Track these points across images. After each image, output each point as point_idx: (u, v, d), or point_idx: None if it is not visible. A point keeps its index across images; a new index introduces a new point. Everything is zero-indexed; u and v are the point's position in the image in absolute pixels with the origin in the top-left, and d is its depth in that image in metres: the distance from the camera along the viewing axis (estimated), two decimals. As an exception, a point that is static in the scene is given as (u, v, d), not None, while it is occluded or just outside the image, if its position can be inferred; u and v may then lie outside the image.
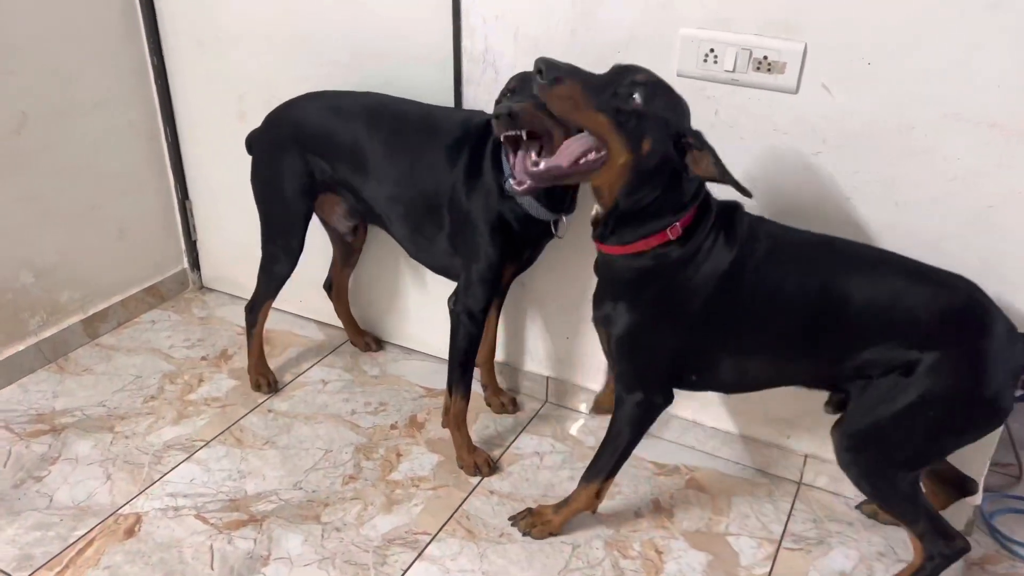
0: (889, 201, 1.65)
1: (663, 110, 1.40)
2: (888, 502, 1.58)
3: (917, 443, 1.50)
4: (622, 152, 1.39)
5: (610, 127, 1.38)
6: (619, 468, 1.76)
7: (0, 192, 2.19)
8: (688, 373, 1.64)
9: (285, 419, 2.21)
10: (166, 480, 1.99)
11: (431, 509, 1.92)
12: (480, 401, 2.26)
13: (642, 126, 1.38)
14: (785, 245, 1.54)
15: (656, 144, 1.39)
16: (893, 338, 1.46)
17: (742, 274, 1.50)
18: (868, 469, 1.54)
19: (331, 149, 1.98)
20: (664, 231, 1.48)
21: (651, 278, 1.53)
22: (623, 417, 1.69)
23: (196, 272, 2.82)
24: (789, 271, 1.51)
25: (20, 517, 1.87)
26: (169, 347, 2.51)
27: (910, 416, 1.46)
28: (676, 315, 1.55)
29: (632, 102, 1.37)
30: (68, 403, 2.25)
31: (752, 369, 1.61)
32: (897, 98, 1.58)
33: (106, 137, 2.43)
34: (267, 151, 2.07)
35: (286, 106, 2.06)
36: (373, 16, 2.06)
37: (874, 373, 1.50)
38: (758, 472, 2.07)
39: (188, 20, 2.36)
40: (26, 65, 2.17)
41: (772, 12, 1.61)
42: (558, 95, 1.36)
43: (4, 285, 2.27)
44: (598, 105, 1.36)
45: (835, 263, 1.51)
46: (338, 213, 2.16)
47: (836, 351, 1.52)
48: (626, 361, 1.63)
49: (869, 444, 1.52)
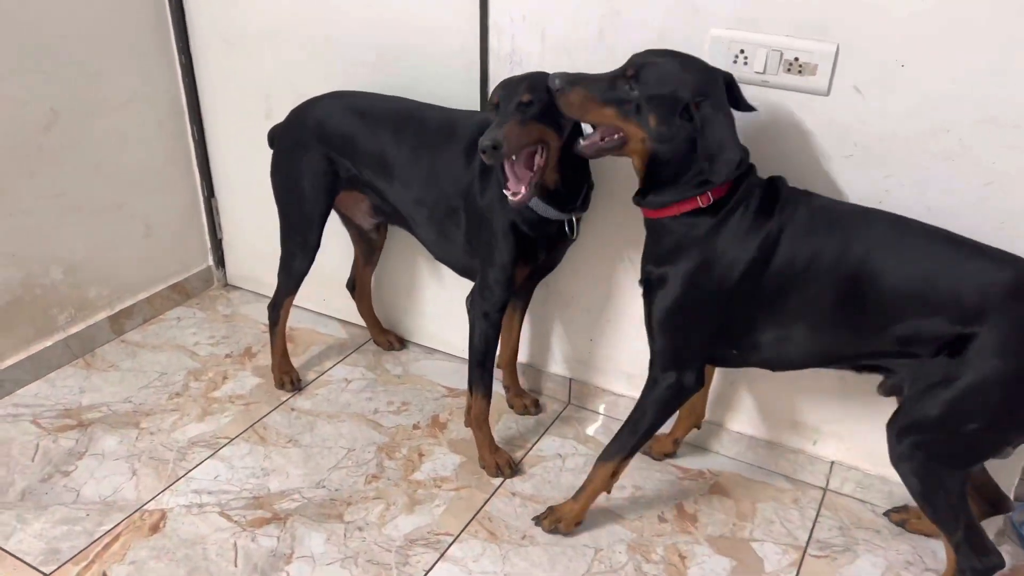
0: (921, 205, 1.62)
1: (660, 88, 1.49)
2: (933, 505, 1.52)
3: (974, 433, 1.45)
4: (636, 131, 1.52)
5: (616, 116, 1.52)
6: (637, 449, 1.76)
7: (30, 189, 2.22)
8: (728, 347, 1.63)
9: (308, 417, 2.22)
10: (191, 477, 2.00)
11: (453, 510, 1.92)
12: (503, 401, 2.26)
13: (644, 108, 1.50)
14: (825, 213, 1.54)
15: (662, 118, 1.49)
16: (936, 312, 1.43)
17: (779, 241, 1.52)
18: (920, 465, 1.49)
19: (355, 151, 1.99)
20: (695, 198, 1.53)
21: (688, 246, 1.55)
22: (652, 398, 1.68)
23: (221, 269, 2.84)
24: (827, 239, 1.50)
25: (47, 511, 1.89)
26: (194, 344, 2.53)
27: (966, 402, 1.42)
28: (716, 286, 1.55)
29: (632, 92, 1.50)
30: (95, 399, 2.27)
31: (793, 341, 1.58)
32: (931, 101, 1.55)
33: (134, 135, 2.45)
34: (288, 147, 2.08)
35: (310, 103, 2.07)
36: (399, 15, 2.06)
37: (920, 351, 1.47)
38: (783, 478, 2.04)
39: (216, 19, 2.37)
40: (57, 63, 2.19)
41: (804, 13, 1.59)
42: (569, 101, 1.54)
43: (34, 281, 2.29)
44: (604, 100, 1.52)
45: (875, 232, 1.50)
46: (362, 210, 2.17)
47: (875, 322, 1.49)
48: (666, 336, 1.63)
49: (923, 436, 1.47)
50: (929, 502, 1.52)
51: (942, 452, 1.48)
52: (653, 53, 1.55)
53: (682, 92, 1.47)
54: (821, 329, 1.55)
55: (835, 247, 1.49)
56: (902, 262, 1.46)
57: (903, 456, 1.50)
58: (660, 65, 1.50)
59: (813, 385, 1.92)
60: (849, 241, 1.49)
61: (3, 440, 2.10)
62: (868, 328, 1.51)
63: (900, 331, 1.47)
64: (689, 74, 1.50)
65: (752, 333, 1.60)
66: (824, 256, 1.49)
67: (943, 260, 1.45)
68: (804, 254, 1.50)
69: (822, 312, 1.52)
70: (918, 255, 1.47)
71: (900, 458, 1.51)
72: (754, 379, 2.00)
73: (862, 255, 1.47)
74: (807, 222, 1.52)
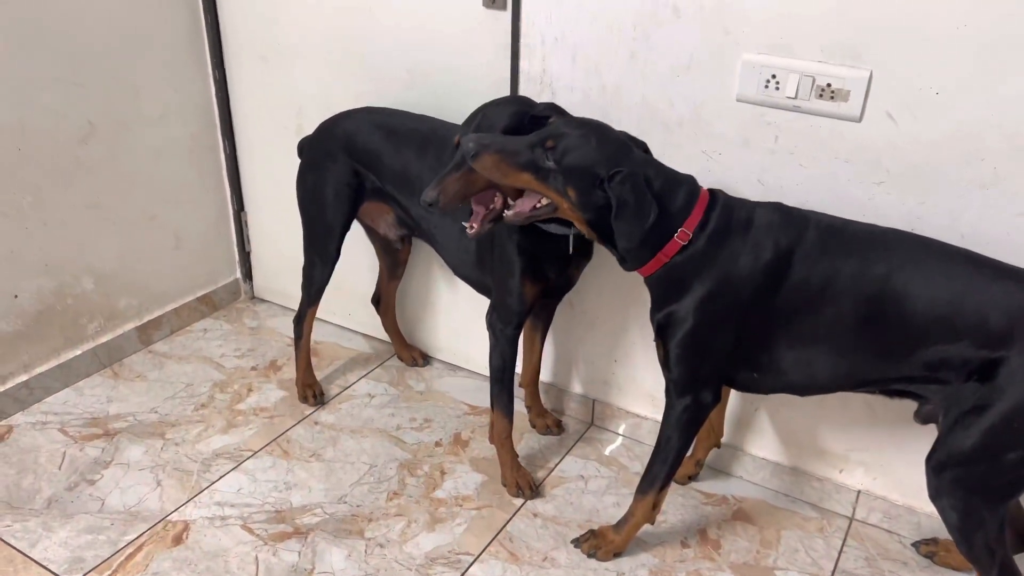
0: (955, 232, 1.60)
1: (578, 162, 1.50)
2: (970, 542, 1.49)
3: (1013, 463, 1.41)
4: (559, 199, 1.54)
5: (533, 181, 1.53)
6: (672, 476, 1.75)
7: (66, 199, 2.25)
8: (748, 370, 1.62)
9: (331, 432, 2.22)
10: (214, 488, 2.01)
11: (474, 529, 1.91)
12: (525, 420, 2.25)
13: (561, 179, 1.51)
14: (836, 232, 1.52)
15: (581, 191, 1.51)
16: (962, 336, 1.41)
17: (791, 262, 1.50)
18: (959, 501, 1.46)
19: (381, 166, 2.02)
20: (673, 239, 1.53)
21: (687, 280, 1.55)
22: (672, 423, 1.68)
23: (248, 282, 2.87)
24: (844, 259, 1.48)
25: (72, 520, 1.90)
26: (220, 356, 2.55)
27: (1003, 431, 1.39)
28: (724, 309, 1.55)
29: (548, 162, 1.51)
30: (121, 408, 2.30)
31: (816, 364, 1.56)
32: (965, 128, 1.54)
33: (167, 148, 2.49)
34: (316, 157, 2.11)
35: (340, 117, 2.10)
36: (432, 34, 2.08)
37: (949, 377, 1.45)
38: (809, 506, 2.02)
39: (252, 35, 2.41)
40: (95, 77, 2.23)
41: (837, 39, 1.59)
42: (483, 165, 1.53)
43: (66, 290, 2.33)
44: (521, 166, 1.53)
45: (896, 254, 1.48)
46: (388, 222, 2.18)
47: (899, 346, 1.47)
48: (682, 364, 1.62)
49: (961, 470, 1.44)
50: (966, 539, 1.48)
51: (981, 485, 1.45)
52: (573, 125, 1.55)
53: (598, 168, 1.49)
54: (843, 352, 1.53)
55: (853, 268, 1.47)
56: (925, 285, 1.44)
57: (942, 491, 1.47)
58: (578, 138, 1.51)
59: (840, 412, 1.90)
60: (868, 262, 1.47)
61: (31, 447, 2.13)
62: (893, 352, 1.48)
63: (926, 356, 1.45)
64: (606, 144, 1.52)
65: (771, 355, 1.58)
66: (841, 276, 1.48)
67: (967, 282, 1.43)
68: (819, 274, 1.49)
69: (844, 334, 1.51)
70: (941, 277, 1.44)
71: (939, 493, 1.48)
72: (779, 405, 1.98)
73: (883, 276, 1.45)
74: (819, 243, 1.50)
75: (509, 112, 1.67)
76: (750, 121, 1.74)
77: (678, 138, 1.83)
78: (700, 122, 1.79)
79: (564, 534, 1.90)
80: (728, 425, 2.07)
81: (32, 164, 2.15)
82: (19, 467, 2.06)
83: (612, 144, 1.53)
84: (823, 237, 1.51)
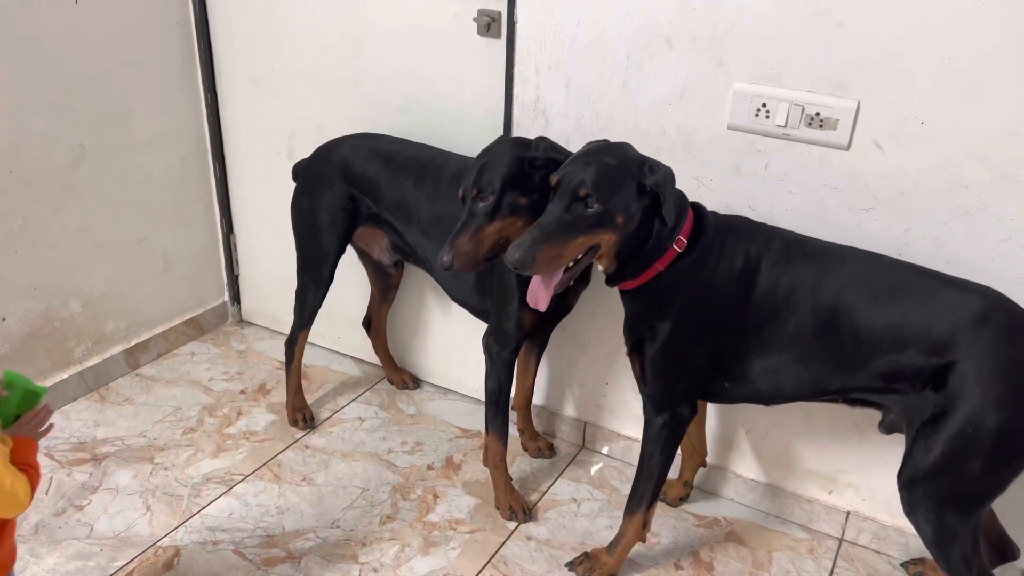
0: (940, 259, 1.65)
1: (614, 190, 1.49)
2: (946, 554, 1.51)
3: (979, 471, 1.44)
4: (607, 238, 1.52)
5: (587, 240, 1.51)
6: (658, 494, 1.77)
7: (56, 222, 2.24)
8: (721, 380, 1.65)
9: (322, 456, 2.22)
10: (205, 513, 1.99)
11: (468, 553, 1.91)
12: (518, 444, 2.26)
13: (610, 212, 1.49)
14: (800, 246, 1.58)
15: (626, 213, 1.51)
16: (909, 344, 1.45)
17: (758, 270, 1.55)
18: (931, 514, 1.49)
19: (378, 193, 2.03)
20: (671, 248, 1.56)
21: (674, 291, 1.58)
22: (653, 439, 1.71)
23: (236, 305, 2.86)
24: (804, 270, 1.54)
25: (61, 546, 1.88)
26: (208, 379, 2.54)
27: (962, 438, 1.42)
28: (704, 318, 1.59)
29: (590, 209, 1.48)
30: (109, 432, 2.27)
31: (780, 372, 1.60)
32: (950, 157, 1.59)
33: (158, 172, 2.49)
34: (312, 181, 2.12)
35: (338, 142, 2.11)
36: (426, 61, 2.11)
37: (903, 387, 1.49)
38: (799, 527, 2.04)
39: (244, 60, 2.43)
40: (87, 100, 2.23)
41: (826, 70, 1.64)
42: (544, 267, 1.50)
43: (54, 313, 2.31)
44: (574, 237, 1.50)
45: (848, 268, 1.54)
46: (382, 247, 2.20)
47: (854, 356, 1.51)
48: (658, 379, 1.65)
49: (930, 484, 1.48)
50: (943, 552, 1.52)
51: (951, 497, 1.48)
52: (581, 166, 1.51)
53: (635, 175, 1.50)
54: (806, 361, 1.57)
55: (811, 279, 1.53)
56: (873, 297, 1.50)
57: (915, 506, 1.51)
58: (599, 169, 1.50)
59: (829, 434, 1.93)
60: (825, 274, 1.53)
61: (17, 472, 2.10)
62: (849, 361, 1.53)
63: (879, 365, 1.50)
64: (622, 156, 1.53)
65: (742, 364, 1.62)
66: (801, 287, 1.53)
67: (913, 294, 1.49)
68: (784, 284, 1.54)
69: (805, 344, 1.55)
70: (888, 290, 1.50)
71: (912, 508, 1.52)
72: (768, 427, 2.01)
73: (837, 289, 1.51)
74: (784, 253, 1.56)
75: (507, 160, 1.67)
76: (741, 148, 1.78)
77: (670, 164, 1.84)
78: (692, 149, 1.83)
79: (558, 557, 1.91)
80: (718, 447, 2.10)
81: (23, 187, 2.14)
82: (5, 493, 2.03)
83: (622, 151, 1.56)
84: (787, 248, 1.58)
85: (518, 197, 1.65)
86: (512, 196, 1.65)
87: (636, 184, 1.50)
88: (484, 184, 1.66)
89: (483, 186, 1.66)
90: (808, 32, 1.63)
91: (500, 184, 1.64)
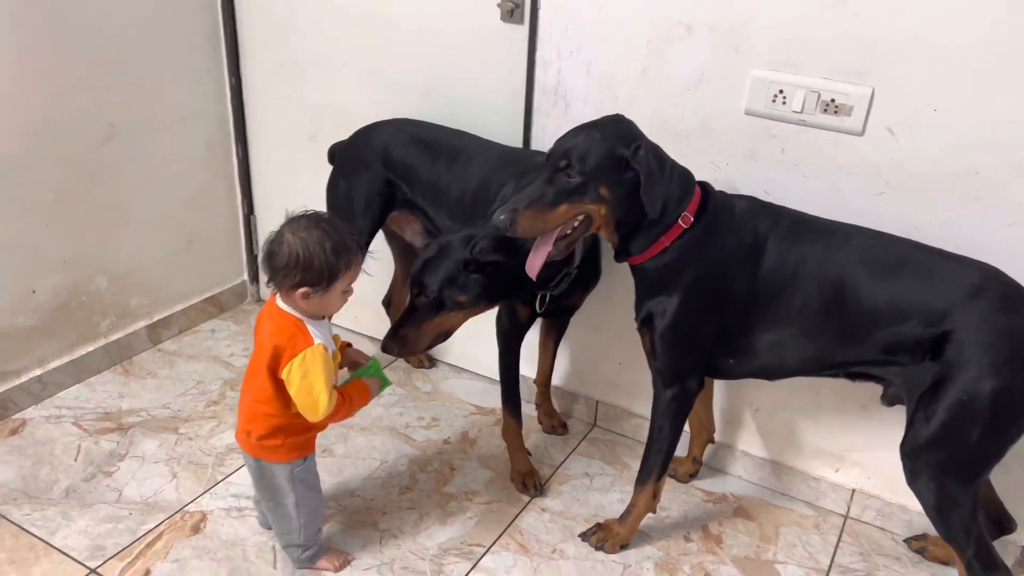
0: (950, 242, 1.69)
1: (597, 162, 1.55)
2: (947, 522, 1.57)
3: (978, 438, 1.49)
4: (595, 208, 1.58)
5: (571, 208, 1.57)
6: (667, 466, 1.84)
7: (85, 199, 2.30)
8: (726, 356, 1.71)
9: (342, 429, 2.27)
10: (229, 481, 2.05)
11: (485, 522, 1.98)
12: (532, 420, 2.32)
13: (591, 183, 1.56)
14: (807, 224, 1.64)
15: (612, 183, 1.56)
16: (909, 316, 1.51)
17: (766, 247, 1.61)
18: (932, 481, 1.54)
19: (414, 179, 2.08)
20: (677, 223, 1.61)
21: (682, 265, 1.64)
22: (662, 412, 1.77)
23: (255, 285, 2.92)
24: (811, 246, 1.60)
25: (91, 509, 1.94)
26: (229, 355, 2.60)
27: (960, 405, 1.47)
28: (712, 293, 1.65)
29: (571, 179, 1.55)
30: (133, 404, 2.33)
31: (786, 347, 1.65)
32: (962, 143, 1.64)
33: (183, 152, 2.54)
34: (350, 165, 2.17)
35: (377, 126, 2.16)
36: (449, 46, 2.16)
37: (904, 360, 1.55)
38: (805, 504, 2.10)
39: (269, 43, 2.48)
40: (118, 81, 2.29)
41: (842, 57, 1.69)
42: (525, 228, 1.57)
43: (81, 288, 2.37)
44: (554, 203, 1.56)
45: (853, 244, 1.60)
46: (414, 230, 2.24)
47: (858, 330, 1.57)
48: (667, 353, 1.71)
49: (931, 452, 1.53)
50: (944, 519, 1.57)
51: (952, 465, 1.54)
52: (571, 136, 1.59)
53: (618, 150, 1.56)
54: (810, 335, 1.63)
55: (818, 255, 1.60)
56: (877, 272, 1.56)
57: (917, 475, 1.57)
58: (584, 140, 1.56)
59: (836, 414, 1.99)
60: (830, 249, 1.60)
61: (46, 440, 2.16)
62: (853, 335, 1.59)
63: (881, 338, 1.56)
64: (611, 131, 1.59)
65: (749, 339, 1.68)
66: (808, 263, 1.60)
67: (914, 268, 1.55)
68: (792, 259, 1.60)
69: (810, 318, 1.61)
70: (891, 265, 1.56)
71: (914, 477, 1.57)
72: (777, 407, 2.07)
73: (843, 264, 1.58)
74: (791, 230, 1.63)
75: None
76: (757, 134, 1.83)
77: (688, 149, 1.92)
78: (709, 134, 1.89)
79: (572, 528, 1.97)
80: (727, 425, 2.15)
81: (55, 163, 2.20)
82: (35, 459, 2.09)
83: (616, 127, 1.61)
84: (795, 225, 1.64)
85: None
86: None
87: (621, 159, 1.55)
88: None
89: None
90: (825, 20, 1.68)
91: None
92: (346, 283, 1.56)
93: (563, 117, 2.04)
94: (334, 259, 1.51)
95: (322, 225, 1.53)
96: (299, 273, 1.51)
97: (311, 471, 1.73)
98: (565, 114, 2.04)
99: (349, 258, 1.54)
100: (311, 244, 1.51)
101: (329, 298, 1.56)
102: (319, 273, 1.51)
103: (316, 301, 1.55)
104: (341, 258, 1.52)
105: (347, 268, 1.54)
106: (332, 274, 1.52)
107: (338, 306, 1.61)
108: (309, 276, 1.51)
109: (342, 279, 1.55)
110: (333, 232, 1.53)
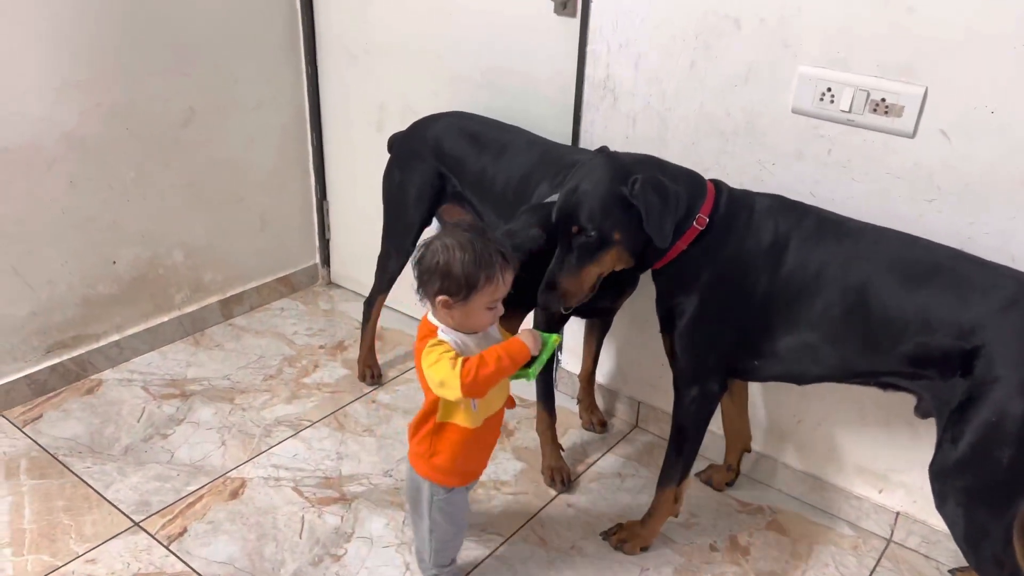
0: (1005, 254, 1.58)
1: (604, 207, 1.55)
2: (977, 551, 1.46)
3: (1009, 462, 1.38)
4: (617, 255, 1.60)
5: (597, 264, 1.60)
6: (690, 469, 1.79)
7: (165, 177, 2.46)
8: (750, 358, 1.65)
9: (386, 410, 2.34)
10: (272, 452, 2.15)
11: (508, 512, 1.99)
12: (573, 416, 2.31)
13: (607, 234, 1.57)
14: (833, 224, 1.57)
15: (623, 226, 1.57)
16: (937, 328, 1.42)
17: (787, 247, 1.55)
18: (961, 507, 1.44)
19: (463, 171, 2.11)
20: (692, 227, 1.58)
21: (700, 266, 1.60)
22: (683, 414, 1.73)
23: (326, 268, 3.03)
24: (835, 248, 1.53)
25: (144, 467, 2.08)
26: (293, 333, 2.71)
27: (991, 424, 1.37)
28: (730, 293, 1.60)
29: (591, 237, 1.56)
30: (198, 373, 2.48)
31: (810, 351, 1.58)
32: (1020, 148, 1.52)
33: (259, 136, 2.67)
34: (405, 155, 2.22)
35: (432, 119, 2.20)
36: (505, 38, 2.18)
37: (931, 373, 1.45)
38: (846, 523, 2.00)
39: (343, 33, 2.57)
40: (198, 67, 2.43)
41: (894, 55, 1.60)
42: (568, 300, 1.61)
43: (159, 261, 2.53)
44: (582, 266, 1.59)
45: (880, 249, 1.51)
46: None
47: (883, 339, 1.48)
48: (686, 354, 1.67)
49: (961, 476, 1.43)
50: (973, 548, 1.46)
51: (981, 490, 1.43)
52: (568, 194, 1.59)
53: (616, 188, 1.54)
54: (835, 341, 1.55)
55: (842, 257, 1.52)
56: (905, 279, 1.46)
57: (945, 498, 1.46)
58: (582, 195, 1.56)
59: (882, 430, 1.89)
60: (857, 254, 1.51)
61: (116, 401, 2.33)
62: (877, 344, 1.50)
63: (907, 349, 1.46)
64: (603, 173, 1.56)
65: (771, 342, 1.61)
66: (832, 266, 1.52)
67: (945, 276, 1.44)
68: (814, 261, 1.53)
69: (834, 323, 1.53)
70: (921, 272, 1.46)
71: (943, 501, 1.47)
72: (820, 420, 1.98)
73: (868, 269, 1.49)
74: (815, 230, 1.55)
75: None
76: (804, 133, 1.76)
77: (733, 147, 1.86)
78: (755, 132, 1.82)
79: (594, 526, 1.95)
80: (769, 437, 2.08)
81: (137, 142, 2.36)
82: (104, 417, 2.26)
83: (605, 164, 1.59)
84: (820, 226, 1.56)
85: None
86: None
87: (622, 197, 1.54)
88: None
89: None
90: (877, 15, 1.59)
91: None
92: (488, 297, 1.48)
93: (611, 111, 2.02)
94: (473, 269, 1.45)
95: (471, 235, 1.49)
96: (438, 280, 1.47)
97: (455, 504, 1.67)
98: (613, 107, 2.02)
99: (492, 272, 1.46)
100: (453, 252, 1.46)
101: (471, 310, 1.49)
102: (457, 282, 1.45)
103: (458, 313, 1.49)
104: (482, 270, 1.45)
105: (488, 281, 1.46)
106: (471, 284, 1.45)
107: (484, 322, 1.53)
108: (448, 284, 1.46)
109: (482, 291, 1.46)
110: (479, 243, 1.47)
